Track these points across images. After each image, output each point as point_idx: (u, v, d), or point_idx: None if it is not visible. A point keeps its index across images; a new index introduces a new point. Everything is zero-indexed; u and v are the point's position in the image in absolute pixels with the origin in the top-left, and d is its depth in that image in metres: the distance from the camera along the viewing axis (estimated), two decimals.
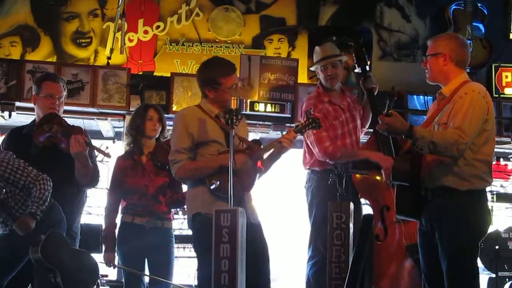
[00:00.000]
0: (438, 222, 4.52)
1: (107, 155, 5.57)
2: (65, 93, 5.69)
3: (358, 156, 5.89)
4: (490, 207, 7.57)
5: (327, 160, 5.95)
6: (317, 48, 6.30)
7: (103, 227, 6.03)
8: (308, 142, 6.08)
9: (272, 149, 4.93)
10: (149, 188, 5.81)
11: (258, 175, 4.94)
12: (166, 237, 5.88)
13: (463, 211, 4.48)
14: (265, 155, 4.99)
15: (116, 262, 5.93)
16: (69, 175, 5.34)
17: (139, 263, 5.83)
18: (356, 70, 6.39)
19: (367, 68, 6.30)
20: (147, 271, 5.90)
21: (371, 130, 6.26)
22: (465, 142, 4.40)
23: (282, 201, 8.09)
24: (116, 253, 5.91)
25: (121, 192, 5.92)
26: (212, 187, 4.77)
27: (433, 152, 4.44)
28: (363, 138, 6.51)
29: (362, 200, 6.05)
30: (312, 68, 6.42)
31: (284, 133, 6.14)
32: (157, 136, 5.97)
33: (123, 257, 5.86)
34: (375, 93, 6.21)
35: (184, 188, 5.73)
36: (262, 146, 4.92)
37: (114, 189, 5.94)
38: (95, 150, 5.56)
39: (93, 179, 5.56)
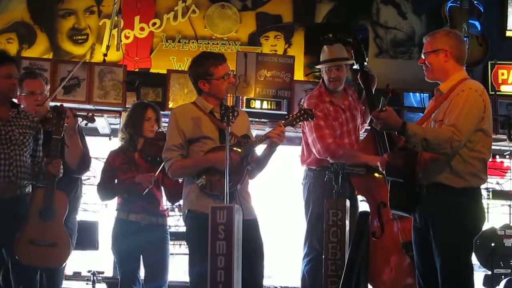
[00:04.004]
0: (433, 219, 4.53)
1: (92, 118, 5.51)
2: (47, 87, 5.68)
3: (358, 159, 5.85)
4: (486, 205, 7.66)
5: (328, 158, 5.93)
6: (325, 47, 6.27)
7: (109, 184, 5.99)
8: (310, 139, 6.07)
9: (261, 144, 4.91)
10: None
11: (248, 170, 4.92)
12: (161, 233, 5.88)
13: (457, 208, 4.48)
14: (258, 152, 5.00)
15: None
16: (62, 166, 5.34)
17: (135, 260, 5.83)
18: (354, 67, 6.39)
19: (365, 64, 6.29)
20: (142, 268, 5.91)
21: (369, 127, 6.27)
22: (459, 140, 4.38)
23: (279, 198, 8.09)
24: (111, 250, 5.93)
25: (111, 186, 5.92)
26: (199, 184, 4.80)
27: (426, 149, 4.43)
28: (362, 135, 6.51)
29: (359, 197, 6.05)
30: (317, 66, 6.41)
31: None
32: (153, 136, 5.97)
33: (119, 254, 5.88)
34: (374, 87, 6.21)
35: None
36: (250, 141, 4.90)
37: (104, 184, 5.93)
38: (80, 118, 5.49)
39: (83, 162, 5.52)
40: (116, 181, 5.91)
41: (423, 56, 4.76)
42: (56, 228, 5.16)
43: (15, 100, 5.47)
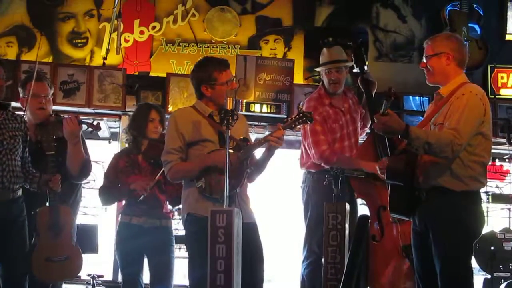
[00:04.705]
0: (433, 222, 4.52)
1: (97, 127, 5.55)
2: (51, 91, 5.69)
3: (353, 165, 5.85)
4: (485, 208, 7.65)
5: (322, 164, 5.94)
6: (324, 50, 6.27)
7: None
8: (305, 143, 6.08)
9: (260, 147, 4.91)
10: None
11: (247, 173, 4.91)
12: (165, 235, 5.83)
13: (457, 212, 4.48)
14: (257, 155, 5.00)
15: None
16: (62, 171, 5.33)
17: (138, 263, 5.80)
18: (354, 70, 6.39)
19: (365, 68, 6.30)
20: (146, 271, 5.88)
21: (369, 130, 6.27)
22: (460, 144, 4.39)
23: (278, 201, 8.09)
24: (115, 253, 5.91)
25: (111, 190, 5.91)
26: (198, 187, 4.80)
27: (428, 152, 4.43)
28: (362, 139, 6.51)
29: (359, 200, 6.05)
30: (317, 69, 6.42)
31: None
32: (157, 137, 5.94)
33: (122, 257, 5.84)
34: (374, 92, 6.21)
35: None
36: (249, 144, 4.90)
37: (106, 188, 5.91)
38: (85, 125, 5.50)
39: (84, 168, 5.53)
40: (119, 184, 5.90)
41: (424, 60, 4.75)
42: (66, 242, 5.26)
43: (18, 104, 5.47)
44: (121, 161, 5.90)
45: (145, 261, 5.86)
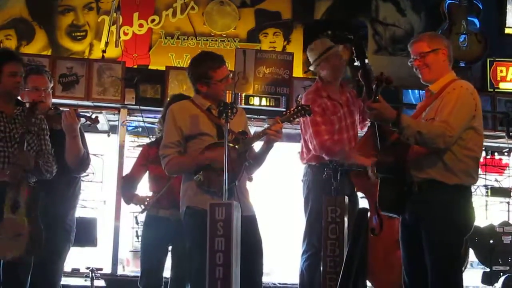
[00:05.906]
0: (424, 216, 4.53)
1: (95, 120, 5.52)
2: (51, 84, 5.67)
3: (348, 159, 5.82)
4: (485, 202, 7.68)
5: (323, 155, 5.93)
6: (313, 44, 6.28)
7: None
8: (307, 135, 6.07)
9: (259, 140, 4.90)
10: (174, 178, 5.73)
11: (246, 166, 4.90)
12: None
13: (449, 206, 4.49)
14: (255, 148, 4.99)
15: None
16: (61, 164, 5.32)
17: (160, 254, 5.77)
18: (356, 63, 6.37)
19: (366, 61, 6.29)
20: (168, 263, 5.86)
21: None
22: (452, 135, 4.40)
23: (278, 195, 8.09)
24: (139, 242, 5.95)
25: (136, 180, 5.92)
26: (197, 181, 4.79)
27: (419, 142, 4.44)
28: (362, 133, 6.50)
29: (359, 194, 6.04)
30: (311, 68, 6.37)
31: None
32: None
33: (145, 247, 5.83)
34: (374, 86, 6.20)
35: None
36: (248, 138, 4.89)
37: (128, 180, 5.93)
38: (83, 119, 5.48)
39: (83, 162, 5.50)
40: (147, 173, 5.89)
41: (418, 57, 4.72)
42: (19, 221, 4.96)
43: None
44: (151, 151, 5.86)
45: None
